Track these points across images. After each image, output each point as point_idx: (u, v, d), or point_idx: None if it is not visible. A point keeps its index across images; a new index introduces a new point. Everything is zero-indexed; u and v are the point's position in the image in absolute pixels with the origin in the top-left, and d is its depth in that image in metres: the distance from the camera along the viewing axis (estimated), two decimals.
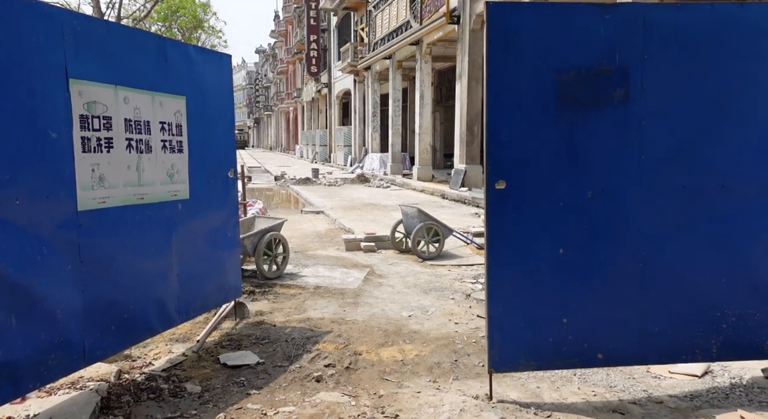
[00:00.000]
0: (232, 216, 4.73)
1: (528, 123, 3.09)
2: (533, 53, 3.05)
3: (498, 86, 3.07)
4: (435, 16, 15.81)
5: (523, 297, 3.14)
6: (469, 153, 15.10)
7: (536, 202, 3.12)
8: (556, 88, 3.08)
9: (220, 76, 4.51)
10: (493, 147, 3.09)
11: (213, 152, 4.46)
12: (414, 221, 7.85)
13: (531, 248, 3.13)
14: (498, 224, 3.13)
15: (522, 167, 3.10)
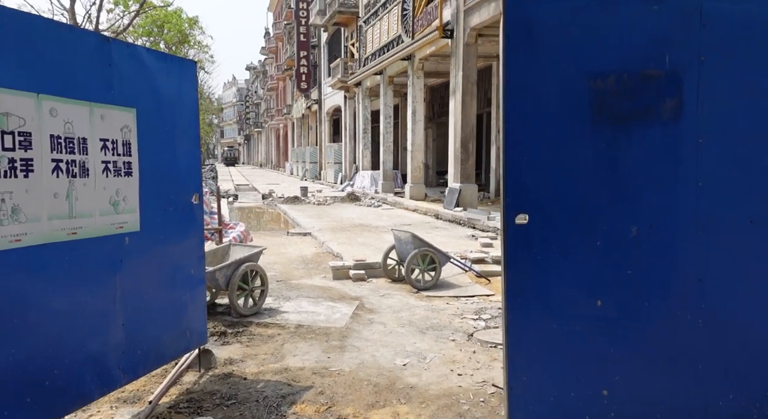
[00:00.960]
0: (195, 249, 4.02)
1: (556, 142, 2.43)
2: (563, 53, 2.40)
3: (518, 96, 2.42)
4: (427, 30, 15.30)
5: (552, 364, 2.46)
6: (463, 171, 14.49)
7: (567, 241, 2.45)
8: (591, 97, 2.43)
9: (181, 85, 3.84)
10: (512, 172, 2.43)
11: (172, 174, 3.77)
12: (407, 248, 7.16)
13: (561, 300, 2.46)
14: (519, 269, 2.45)
15: (549, 197, 2.44)
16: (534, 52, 2.40)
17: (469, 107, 14.32)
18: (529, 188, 2.43)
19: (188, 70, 3.91)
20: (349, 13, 25.71)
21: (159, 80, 3.62)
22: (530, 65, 2.41)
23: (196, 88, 4.00)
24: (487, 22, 13.15)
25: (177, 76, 3.79)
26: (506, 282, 2.46)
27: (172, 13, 22.72)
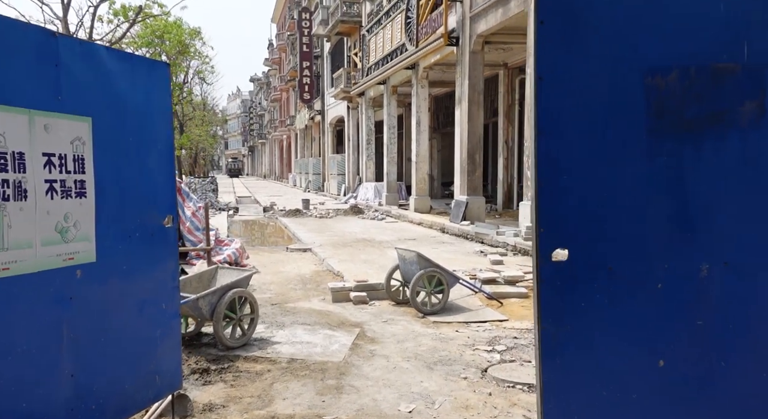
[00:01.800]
0: (168, 280, 3.48)
1: (602, 157, 1.89)
2: (611, 41, 1.87)
3: (553, 98, 1.88)
4: (432, 38, 14.83)
5: None
6: (470, 183, 13.94)
7: (618, 283, 1.90)
8: (647, 99, 1.89)
9: (151, 90, 3.32)
10: (547, 195, 1.88)
11: (139, 193, 3.24)
12: (413, 268, 6.61)
13: (612, 360, 1.90)
14: (556, 319, 1.90)
15: (594, 228, 1.89)
16: (574, 42, 1.87)
17: (476, 117, 13.80)
18: (569, 215, 1.89)
19: (159, 72, 3.39)
20: (351, 22, 25.34)
21: (122, 84, 3.10)
22: (569, 59, 1.87)
23: (169, 93, 3.49)
24: (494, 29, 12.67)
25: (145, 79, 3.28)
26: (540, 337, 1.91)
27: (172, 23, 22.37)
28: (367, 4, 23.50)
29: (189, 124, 40.46)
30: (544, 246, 1.89)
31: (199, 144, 45.67)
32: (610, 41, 1.86)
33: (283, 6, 52.73)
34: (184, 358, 4.64)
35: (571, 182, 1.89)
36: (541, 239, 1.90)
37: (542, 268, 1.89)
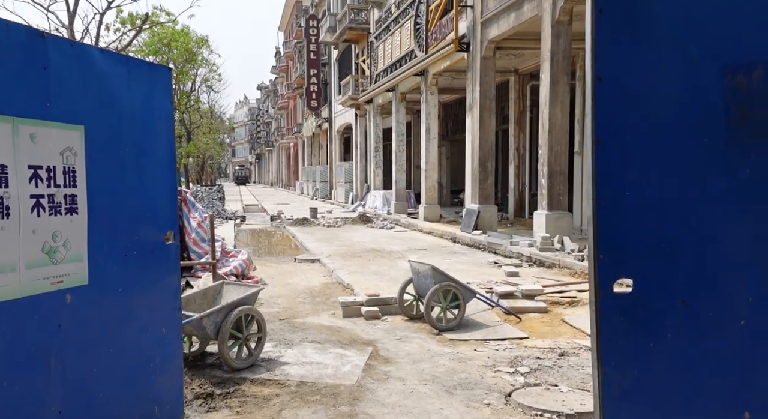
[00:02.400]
0: (169, 301, 3.21)
1: (673, 171, 1.60)
2: (683, 34, 1.57)
3: (615, 102, 1.60)
4: (442, 44, 14.59)
5: None
6: (482, 192, 13.63)
7: (693, 320, 1.60)
8: (727, 100, 1.59)
9: (151, 96, 3.07)
10: (607, 216, 1.60)
11: (136, 208, 2.97)
12: (427, 282, 6.31)
13: (686, 412, 1.60)
14: (620, 363, 1.60)
15: (664, 254, 1.59)
16: (639, 34, 1.58)
17: (488, 124, 13.52)
18: (634, 239, 1.60)
19: (159, 77, 3.13)
20: (359, 29, 25.17)
21: (118, 89, 2.85)
22: (633, 55, 1.59)
23: (170, 100, 3.23)
24: (507, 34, 12.40)
25: (144, 84, 3.02)
26: (600, 384, 1.61)
27: (179, 31, 22.26)
28: (375, 11, 23.33)
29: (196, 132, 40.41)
30: (604, 275, 1.60)
31: (206, 152, 45.59)
32: (681, 32, 1.58)
33: (291, 14, 52.79)
34: (188, 381, 4.36)
35: (636, 199, 1.60)
36: (600, 267, 1.61)
37: (602, 301, 1.60)
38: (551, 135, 10.55)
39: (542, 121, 10.78)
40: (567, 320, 6.35)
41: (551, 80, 10.43)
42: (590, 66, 1.63)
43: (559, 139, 10.60)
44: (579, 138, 13.25)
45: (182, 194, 8.70)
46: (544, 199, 10.68)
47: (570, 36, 10.43)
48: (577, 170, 13.21)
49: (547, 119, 10.56)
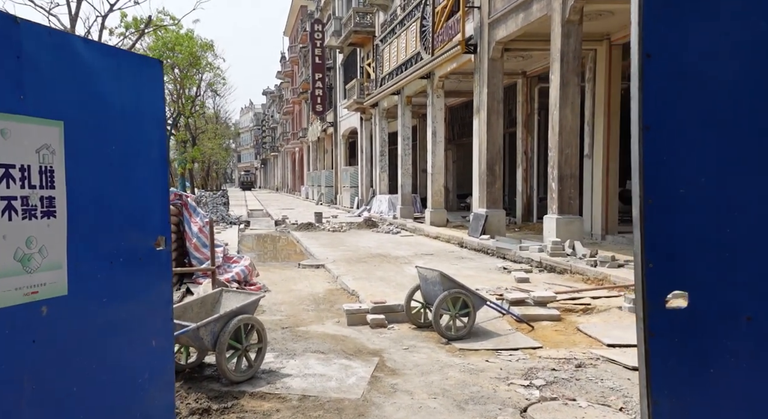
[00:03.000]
0: (159, 313, 2.98)
1: (737, 163, 1.34)
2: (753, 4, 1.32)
3: (667, 82, 1.36)
4: (448, 46, 14.37)
5: None
6: (490, 196, 13.37)
7: (760, 340, 1.34)
8: None
9: (140, 91, 2.84)
10: (657, 217, 1.36)
11: (123, 212, 2.74)
12: (435, 289, 6.06)
13: None
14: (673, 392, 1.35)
15: (725, 262, 1.34)
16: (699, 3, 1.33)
17: (495, 127, 13.27)
18: (690, 244, 1.35)
19: (150, 71, 2.91)
20: (365, 32, 25.00)
21: (104, 83, 2.62)
22: (689, 27, 1.34)
23: (162, 95, 3.00)
24: (514, 35, 12.17)
25: (133, 78, 2.79)
26: (651, 412, 1.36)
27: (183, 35, 22.15)
28: (381, 14, 23.16)
29: (201, 137, 40.35)
30: (654, 287, 1.36)
31: (211, 157, 45.55)
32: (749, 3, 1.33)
33: (296, 19, 52.77)
34: (183, 395, 4.13)
35: (692, 197, 1.35)
36: (649, 277, 1.36)
37: (652, 318, 1.35)
38: (561, 137, 10.29)
39: (552, 123, 10.53)
40: (581, 328, 6.08)
41: (561, 81, 10.18)
42: (636, 42, 1.39)
43: (569, 141, 10.34)
44: (588, 141, 12.98)
45: (183, 198, 8.49)
46: (555, 203, 10.41)
47: (580, 36, 10.18)
48: (587, 174, 12.94)
49: (557, 120, 10.30)
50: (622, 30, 12.22)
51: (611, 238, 12.37)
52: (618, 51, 12.75)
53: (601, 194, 12.75)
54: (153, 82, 2.93)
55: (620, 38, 12.47)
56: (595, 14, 11.11)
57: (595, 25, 11.82)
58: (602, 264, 8.40)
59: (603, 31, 12.47)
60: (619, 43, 12.65)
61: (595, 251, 9.58)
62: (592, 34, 12.05)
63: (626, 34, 12.22)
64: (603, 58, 12.74)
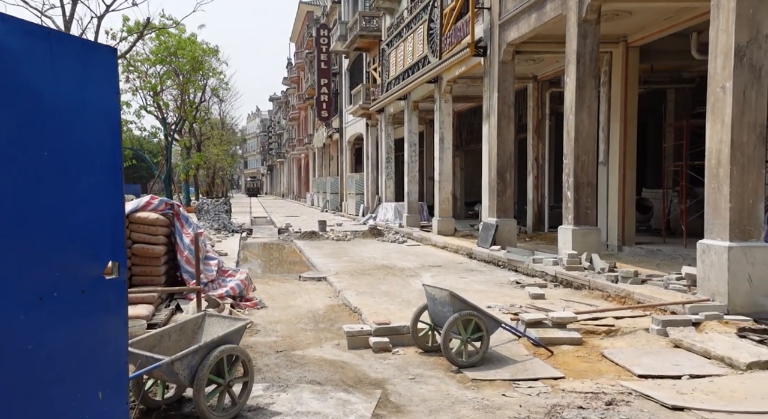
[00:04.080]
0: (110, 356, 2.42)
1: None
2: None
3: None
4: (457, 49, 13.83)
5: None
6: (500, 204, 12.79)
7: None
8: None
9: (84, 84, 2.31)
10: None
11: (60, 233, 2.20)
12: (445, 310, 5.49)
13: None
14: None
15: None
16: None
17: (506, 132, 12.70)
18: None
19: (99, 59, 2.37)
20: (371, 37, 24.54)
21: (33, 73, 2.09)
22: None
23: (115, 89, 2.46)
24: (526, 37, 11.62)
25: (73, 67, 2.26)
26: None
27: (186, 40, 21.75)
28: (387, 18, 22.70)
29: (207, 143, 39.98)
30: None
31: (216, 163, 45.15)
32: None
33: (302, 25, 52.51)
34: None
35: None
36: None
37: None
38: (577, 143, 9.71)
39: (567, 128, 9.95)
40: (607, 354, 5.48)
41: (577, 84, 9.61)
42: None
43: (586, 147, 9.75)
44: (603, 147, 12.39)
45: (175, 208, 7.97)
46: (570, 213, 9.81)
47: (598, 36, 9.62)
48: (602, 182, 12.33)
49: (572, 125, 9.73)
50: (640, 31, 11.65)
51: (628, 249, 11.75)
52: (635, 53, 12.18)
53: (617, 204, 12.15)
54: (103, 72, 2.40)
55: (638, 40, 11.90)
56: (612, 14, 10.55)
57: (612, 26, 11.25)
58: (624, 280, 7.79)
59: (620, 33, 11.90)
60: (636, 45, 12.08)
61: (613, 265, 8.97)
62: (607, 36, 11.48)
63: (644, 35, 11.66)
64: (619, 60, 12.17)
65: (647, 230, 14.68)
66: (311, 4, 49.33)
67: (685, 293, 7.04)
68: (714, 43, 6.55)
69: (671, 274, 7.89)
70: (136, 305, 6.43)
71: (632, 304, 7.12)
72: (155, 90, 22.95)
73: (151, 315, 6.36)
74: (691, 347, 5.42)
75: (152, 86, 22.55)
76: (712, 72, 6.58)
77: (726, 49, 6.35)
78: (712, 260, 6.43)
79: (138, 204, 7.61)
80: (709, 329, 5.80)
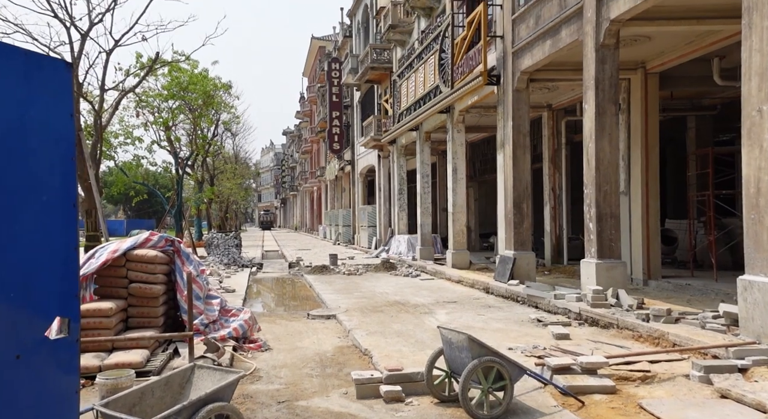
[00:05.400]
0: None
1: None
2: None
3: None
4: (469, 78, 13.54)
5: None
6: (517, 237, 12.26)
7: None
8: None
9: (29, 102, 1.92)
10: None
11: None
12: (463, 356, 4.96)
13: None
14: None
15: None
16: None
17: (522, 162, 12.27)
18: None
19: (46, 75, 1.98)
20: (382, 69, 24.48)
21: None
22: None
23: (68, 110, 2.06)
24: (541, 64, 11.29)
25: (16, 84, 1.86)
26: None
27: (197, 75, 21.78)
28: (398, 50, 22.64)
29: (220, 177, 40.00)
30: None
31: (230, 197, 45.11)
32: None
33: (314, 59, 53.09)
34: None
35: None
36: None
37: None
38: (599, 172, 9.24)
39: (587, 156, 9.50)
40: (645, 406, 4.90)
41: (597, 111, 9.20)
42: None
43: (607, 176, 9.28)
44: (624, 176, 11.90)
45: (176, 244, 7.57)
46: (593, 245, 9.28)
47: (617, 61, 9.24)
48: (624, 212, 11.79)
49: (593, 154, 9.27)
50: (659, 57, 11.27)
51: (655, 284, 11.13)
52: (654, 80, 11.78)
53: (641, 235, 11.59)
54: (53, 90, 2.00)
55: (657, 66, 11.51)
56: (630, 40, 10.20)
57: (630, 52, 10.90)
58: (656, 318, 7.21)
59: (638, 59, 11.54)
60: (655, 71, 11.69)
61: (641, 301, 8.39)
62: (625, 63, 11.12)
63: (664, 60, 11.27)
64: (638, 87, 11.77)
65: (672, 263, 14.03)
66: (323, 40, 49.93)
67: (725, 334, 6.45)
68: (747, 64, 6.12)
69: (706, 312, 7.30)
70: (129, 350, 5.98)
71: (667, 346, 6.53)
72: (167, 125, 22.93)
73: (146, 361, 5.89)
74: (741, 398, 4.82)
75: (164, 121, 22.54)
76: (746, 94, 6.13)
77: (761, 69, 5.91)
78: (755, 298, 5.86)
79: (137, 241, 7.22)
80: (758, 376, 5.20)
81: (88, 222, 13.71)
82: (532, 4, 11.28)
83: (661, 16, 9.08)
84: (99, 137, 14.05)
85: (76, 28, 12.60)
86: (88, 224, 13.75)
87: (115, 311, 6.29)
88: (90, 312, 6.00)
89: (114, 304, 6.36)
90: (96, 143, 13.90)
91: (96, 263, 6.66)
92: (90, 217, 13.52)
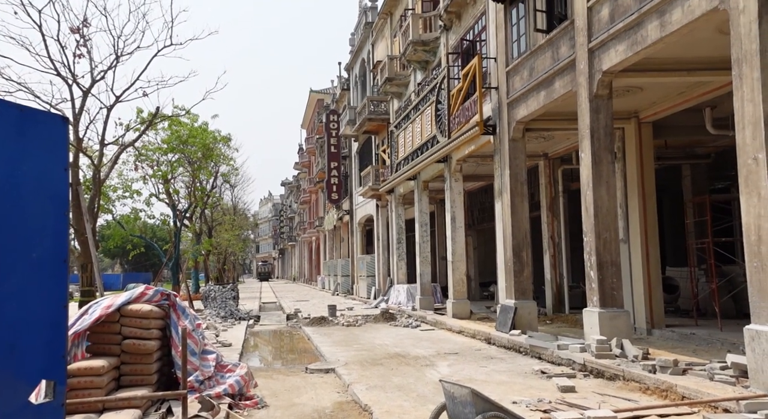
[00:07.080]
0: None
1: None
2: None
3: None
4: (466, 128, 13.72)
5: None
6: (518, 285, 12.13)
7: None
8: None
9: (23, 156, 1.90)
10: None
11: None
12: (466, 411, 4.80)
13: None
14: None
15: None
16: None
17: (520, 210, 12.28)
18: None
19: (42, 130, 1.96)
20: (379, 120, 24.86)
21: None
22: None
23: (63, 164, 2.05)
24: (536, 114, 11.46)
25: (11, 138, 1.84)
26: None
27: (197, 128, 22.06)
28: (395, 102, 23.05)
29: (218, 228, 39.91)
30: None
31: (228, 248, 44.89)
32: None
33: (312, 112, 54.03)
34: None
35: None
36: None
37: None
38: (597, 220, 9.22)
39: (585, 204, 9.51)
40: None
41: (593, 159, 9.27)
42: None
43: (606, 224, 9.26)
44: (623, 224, 11.87)
45: (171, 298, 7.44)
46: (595, 294, 9.16)
47: (611, 111, 9.38)
48: (624, 260, 11.70)
49: (591, 202, 9.28)
50: (651, 107, 11.46)
51: (659, 333, 10.94)
52: (648, 129, 11.94)
53: (642, 283, 11.47)
54: (48, 145, 1.98)
55: (650, 116, 11.69)
56: (623, 90, 10.39)
57: (623, 102, 11.08)
58: (663, 370, 7.03)
59: (631, 109, 11.73)
60: (648, 120, 11.87)
61: (646, 351, 8.21)
62: (619, 112, 11.28)
63: (656, 110, 11.46)
64: (632, 136, 11.91)
65: (675, 311, 13.85)
66: (321, 93, 50.93)
67: (735, 385, 6.27)
68: (740, 113, 6.20)
69: (714, 363, 7.13)
70: (120, 410, 5.77)
71: (676, 398, 6.34)
72: (166, 178, 23.04)
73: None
74: None
75: (163, 174, 22.65)
76: (741, 143, 6.19)
77: (754, 119, 5.98)
78: (763, 348, 5.73)
79: (131, 296, 7.10)
80: None
81: (84, 277, 13.53)
82: (525, 56, 11.54)
83: (652, 67, 9.28)
84: (97, 191, 14.07)
85: (78, 85, 12.80)
86: (84, 279, 13.56)
87: (107, 369, 6.11)
88: (81, 371, 5.83)
89: (106, 362, 6.19)
90: (94, 197, 13.90)
91: (89, 319, 6.52)
92: (86, 271, 13.36)
